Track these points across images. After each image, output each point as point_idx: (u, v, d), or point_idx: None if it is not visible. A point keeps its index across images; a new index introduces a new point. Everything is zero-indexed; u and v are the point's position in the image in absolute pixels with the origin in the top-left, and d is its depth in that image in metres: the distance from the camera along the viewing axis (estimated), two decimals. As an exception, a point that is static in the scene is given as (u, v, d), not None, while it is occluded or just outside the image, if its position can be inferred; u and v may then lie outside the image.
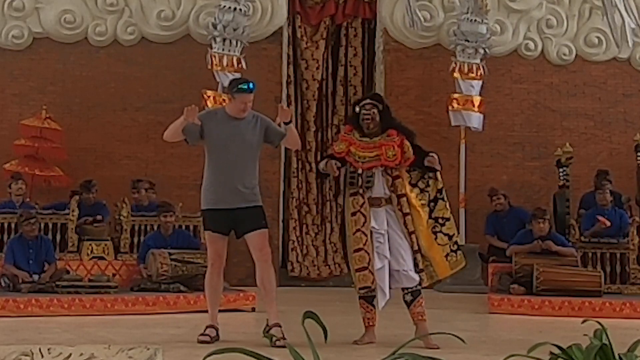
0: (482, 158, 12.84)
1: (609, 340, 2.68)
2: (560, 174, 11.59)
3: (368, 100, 6.73)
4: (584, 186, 12.15)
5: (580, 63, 13.21)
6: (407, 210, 6.43)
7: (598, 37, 13.14)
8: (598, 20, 13.14)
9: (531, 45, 13.14)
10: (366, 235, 6.37)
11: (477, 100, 12.33)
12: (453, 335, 3.09)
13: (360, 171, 6.46)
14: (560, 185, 11.57)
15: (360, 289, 6.40)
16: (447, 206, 6.62)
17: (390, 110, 6.77)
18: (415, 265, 6.42)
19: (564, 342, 2.83)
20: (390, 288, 6.41)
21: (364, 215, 6.40)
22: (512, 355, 2.70)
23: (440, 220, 6.55)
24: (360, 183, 6.45)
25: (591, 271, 9.83)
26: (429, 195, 6.56)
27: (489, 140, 12.87)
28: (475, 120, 12.36)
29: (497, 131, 12.92)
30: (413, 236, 6.41)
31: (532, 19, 13.15)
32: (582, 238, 10.36)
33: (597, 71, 13.26)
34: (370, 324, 6.51)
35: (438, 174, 6.63)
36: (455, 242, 6.59)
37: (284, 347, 5.63)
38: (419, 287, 6.46)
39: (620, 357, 2.64)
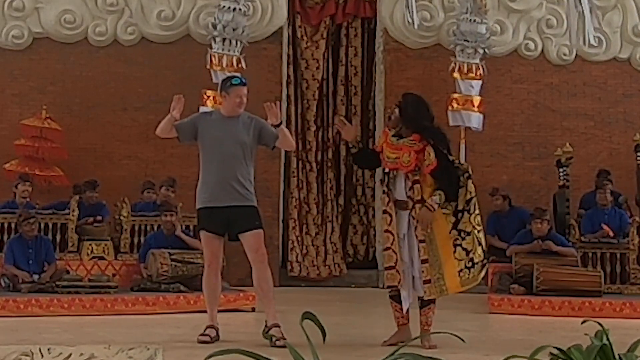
0: (482, 158, 12.82)
1: (609, 341, 2.68)
2: (560, 174, 11.59)
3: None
4: (584, 186, 12.15)
5: (580, 63, 13.20)
6: None
7: (598, 37, 13.12)
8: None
9: (531, 45, 13.12)
10: (393, 235, 6.34)
11: (476, 100, 12.31)
12: (453, 334, 3.09)
13: (387, 170, 6.49)
14: (560, 185, 11.57)
15: (387, 287, 6.43)
16: (471, 220, 6.28)
17: (418, 113, 6.38)
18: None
19: (564, 342, 2.84)
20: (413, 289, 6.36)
21: (390, 215, 6.38)
22: (513, 356, 2.70)
23: (462, 234, 6.28)
24: (387, 182, 6.48)
25: (591, 271, 9.82)
26: (457, 205, 6.28)
27: (489, 140, 12.86)
28: (475, 120, 12.34)
29: (497, 131, 12.91)
30: (422, 245, 6.27)
31: (532, 19, 13.14)
32: (582, 238, 10.36)
33: (597, 71, 13.25)
34: (401, 322, 6.45)
35: (470, 182, 6.32)
36: (471, 259, 6.28)
37: (284, 347, 5.63)
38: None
39: (620, 357, 2.64)
